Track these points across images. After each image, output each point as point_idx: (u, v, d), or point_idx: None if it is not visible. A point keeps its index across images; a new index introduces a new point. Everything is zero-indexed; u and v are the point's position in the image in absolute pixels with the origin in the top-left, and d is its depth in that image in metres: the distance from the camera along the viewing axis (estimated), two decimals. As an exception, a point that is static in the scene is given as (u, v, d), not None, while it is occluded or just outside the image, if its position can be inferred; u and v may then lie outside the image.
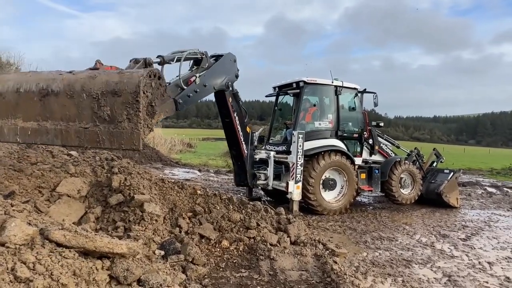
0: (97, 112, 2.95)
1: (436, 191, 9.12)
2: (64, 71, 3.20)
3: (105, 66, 3.63)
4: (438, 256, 5.18)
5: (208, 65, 5.76)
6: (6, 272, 1.88)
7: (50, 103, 3.08)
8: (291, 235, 4.97)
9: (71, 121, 3.06)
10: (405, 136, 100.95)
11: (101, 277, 2.58)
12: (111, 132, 2.96)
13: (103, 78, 2.94)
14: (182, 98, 5.07)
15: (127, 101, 2.82)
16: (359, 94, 8.94)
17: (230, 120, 6.86)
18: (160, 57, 4.71)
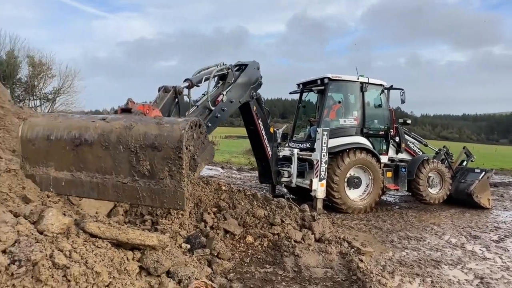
0: (136, 166, 2.69)
1: (466, 191, 8.79)
2: (97, 117, 2.89)
3: (138, 104, 3.39)
4: (469, 258, 5.00)
5: (234, 79, 5.71)
6: (45, 258, 1.97)
7: (84, 153, 2.83)
8: (315, 232, 4.94)
9: (107, 174, 2.81)
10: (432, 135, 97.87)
11: (132, 267, 2.65)
12: (151, 189, 2.71)
13: (141, 130, 2.65)
14: (211, 121, 5.05)
15: (169, 156, 2.57)
16: (385, 90, 8.75)
17: (254, 127, 6.84)
18: (188, 81, 4.65)
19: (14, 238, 1.98)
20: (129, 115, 3.05)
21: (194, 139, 2.69)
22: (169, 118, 2.84)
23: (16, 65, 17.61)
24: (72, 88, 19.33)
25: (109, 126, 2.73)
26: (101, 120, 2.80)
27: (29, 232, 2.13)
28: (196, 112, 4.82)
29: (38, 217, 2.41)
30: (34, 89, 18.42)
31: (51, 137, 2.89)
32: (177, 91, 3.99)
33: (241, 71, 6.03)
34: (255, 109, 6.58)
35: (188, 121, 2.63)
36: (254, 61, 6.37)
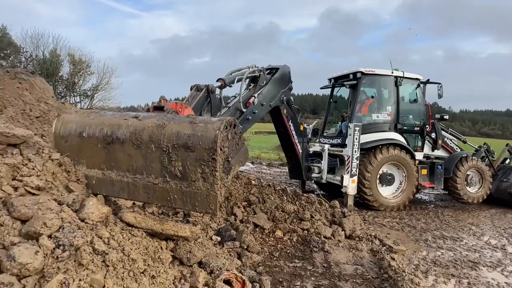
0: (167, 166, 2.59)
1: (508, 190, 8.33)
2: (129, 115, 2.83)
3: (170, 102, 3.34)
4: (510, 260, 4.75)
5: (265, 81, 5.70)
6: (86, 244, 2.10)
7: (115, 152, 2.76)
8: (346, 229, 4.88)
9: (138, 173, 2.73)
10: (472, 132, 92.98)
11: (165, 256, 2.76)
12: (183, 191, 2.60)
13: (174, 129, 2.54)
14: (242, 122, 5.05)
15: (202, 157, 2.45)
16: (421, 85, 8.42)
17: (285, 129, 6.81)
18: (221, 81, 4.66)
19: (59, 224, 2.12)
20: (162, 113, 2.97)
21: (229, 140, 2.56)
22: (203, 117, 2.68)
23: (58, 63, 18.58)
24: (109, 84, 20.16)
25: (141, 124, 2.66)
26: (133, 118, 2.74)
27: (72, 219, 2.26)
28: (228, 113, 4.87)
29: (79, 205, 2.56)
30: (74, 86, 19.37)
31: (83, 134, 2.85)
32: (209, 90, 4.00)
33: (272, 75, 6.03)
34: (285, 112, 6.54)
35: (223, 120, 2.49)
36: (285, 65, 6.35)
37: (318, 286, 3.51)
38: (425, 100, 8.58)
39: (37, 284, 1.84)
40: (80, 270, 1.97)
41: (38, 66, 17.32)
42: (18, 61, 17.55)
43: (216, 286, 2.71)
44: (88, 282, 1.96)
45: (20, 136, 2.81)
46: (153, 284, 2.46)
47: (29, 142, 2.91)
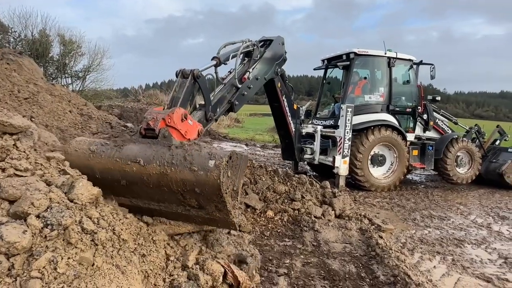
0: (184, 201, 2.80)
1: (497, 171, 8.48)
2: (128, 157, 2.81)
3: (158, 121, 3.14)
4: (494, 238, 4.89)
5: (259, 55, 5.62)
6: (75, 224, 2.12)
7: (133, 188, 2.87)
8: (336, 209, 4.97)
9: (161, 203, 2.93)
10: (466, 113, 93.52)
11: (159, 238, 2.80)
12: (204, 217, 2.89)
13: (178, 177, 2.65)
14: (238, 99, 5.00)
15: (211, 198, 2.65)
16: (414, 66, 8.41)
17: (279, 104, 6.77)
18: (215, 59, 4.56)
19: (47, 204, 2.14)
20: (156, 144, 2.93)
21: (229, 177, 2.68)
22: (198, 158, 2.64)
23: (48, 44, 18.15)
24: (101, 66, 19.76)
25: (146, 170, 2.75)
26: (135, 163, 2.78)
27: (60, 199, 2.28)
28: (224, 90, 4.83)
29: (69, 187, 2.57)
30: (65, 67, 19.01)
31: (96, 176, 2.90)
32: (195, 75, 3.91)
33: (266, 47, 5.94)
34: (279, 85, 6.50)
35: (219, 167, 2.53)
36: (279, 36, 6.25)
37: (307, 264, 3.60)
38: (418, 81, 8.59)
39: (26, 262, 1.87)
40: (69, 248, 2.00)
41: (27, 47, 16.91)
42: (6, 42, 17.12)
43: (206, 264, 2.77)
44: (77, 260, 1.99)
45: (17, 127, 2.81)
46: (143, 262, 2.51)
47: (27, 132, 2.91)
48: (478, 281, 3.54)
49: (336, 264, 3.61)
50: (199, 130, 3.59)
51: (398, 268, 3.36)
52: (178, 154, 2.73)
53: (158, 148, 2.85)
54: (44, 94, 6.36)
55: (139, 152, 2.84)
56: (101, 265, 2.11)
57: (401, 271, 3.28)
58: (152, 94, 26.19)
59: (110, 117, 7.47)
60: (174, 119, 3.19)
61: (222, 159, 2.57)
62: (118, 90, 26.29)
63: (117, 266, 2.22)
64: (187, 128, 3.35)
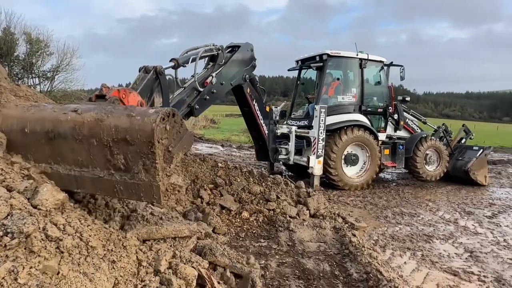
0: (111, 160, 2.60)
1: (463, 168, 8.85)
2: (69, 108, 2.72)
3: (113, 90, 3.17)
4: (461, 233, 5.10)
5: (224, 60, 5.50)
6: (38, 231, 2.02)
7: (59, 146, 2.71)
8: (310, 208, 5.02)
9: (84, 167, 2.71)
10: (435, 113, 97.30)
11: (130, 243, 2.71)
12: (128, 183, 2.63)
13: (112, 123, 2.51)
14: (199, 103, 4.91)
15: (142, 151, 2.46)
16: (385, 67, 8.64)
17: (249, 109, 6.72)
18: (173, 61, 4.46)
19: (7, 211, 2.03)
20: (102, 104, 2.86)
21: (168, 131, 2.54)
22: (140, 109, 2.58)
23: (13, 42, 17.35)
24: (71, 66, 19.07)
25: (81, 118, 2.60)
26: (72, 112, 2.65)
27: (22, 206, 2.17)
28: (183, 93, 4.71)
29: (33, 192, 2.45)
30: (32, 66, 18.24)
31: (25, 130, 2.76)
32: (158, 71, 3.81)
33: (233, 53, 5.84)
34: (248, 91, 6.43)
35: (159, 112, 2.45)
36: (247, 43, 6.19)
37: (282, 264, 3.61)
38: (389, 82, 8.84)
39: (-16, 273, 1.76)
40: (31, 257, 1.90)
41: (-11, 45, 16.09)
42: (-33, 40, 16.24)
43: (179, 268, 2.72)
44: (40, 269, 1.90)
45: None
46: (113, 269, 2.43)
47: None
48: (446, 275, 3.67)
49: (310, 263, 3.64)
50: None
51: (370, 265, 3.43)
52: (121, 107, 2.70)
53: (102, 104, 2.79)
54: (8, 95, 6.04)
55: (80, 106, 2.75)
56: (67, 274, 2.02)
57: (373, 268, 3.35)
58: (125, 95, 25.55)
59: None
60: (129, 98, 3.13)
61: (163, 109, 2.50)
62: (90, 91, 25.48)
63: (84, 274, 2.14)
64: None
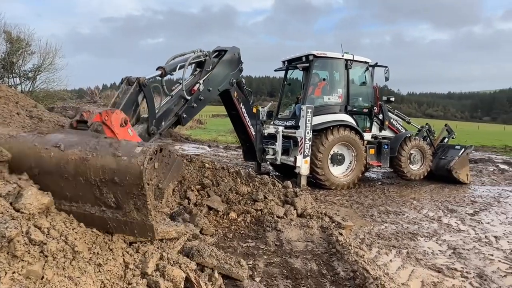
0: (100, 197, 2.50)
1: (446, 167, 9.04)
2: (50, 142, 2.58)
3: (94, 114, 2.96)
4: (444, 230, 5.21)
5: (211, 66, 5.44)
6: (21, 235, 1.98)
7: (45, 181, 2.57)
8: (297, 208, 5.05)
9: (74, 202, 2.60)
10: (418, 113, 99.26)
11: (116, 246, 2.67)
12: (120, 220, 2.57)
13: (98, 163, 2.40)
14: (187, 111, 4.83)
15: (131, 191, 2.40)
16: (370, 68, 8.76)
17: (236, 112, 6.66)
18: (160, 69, 4.37)
19: (-12, 215, 1.98)
20: (85, 135, 2.71)
21: (156, 169, 2.48)
22: (125, 146, 2.46)
23: (-7, 41, 16.90)
24: (54, 65, 18.67)
25: (65, 156, 2.48)
26: (55, 148, 2.52)
27: (4, 209, 2.12)
28: (171, 102, 4.62)
29: (16, 196, 2.39)
30: (13, 66, 17.78)
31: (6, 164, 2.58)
32: (141, 83, 3.69)
33: (220, 57, 5.78)
34: (235, 95, 6.37)
35: (146, 152, 2.36)
36: (234, 47, 6.13)
37: (270, 264, 3.62)
38: (374, 82, 8.96)
39: (-36, 279, 1.71)
40: (14, 262, 1.86)
41: (-32, 44, 15.64)
42: None
43: (167, 270, 2.69)
44: (24, 274, 1.86)
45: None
46: (99, 272, 2.39)
47: None
48: (430, 272, 3.75)
49: (298, 263, 3.66)
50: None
51: (357, 264, 3.47)
52: (105, 142, 2.54)
53: (84, 136, 2.64)
54: (-12, 96, 5.89)
55: (62, 138, 2.61)
56: (52, 278, 1.99)
57: (360, 266, 3.39)
58: (109, 95, 25.18)
59: (62, 119, 7.07)
60: (112, 118, 3.00)
61: (150, 147, 2.42)
62: (73, 91, 24.99)
63: (69, 278, 2.10)
64: (125, 137, 3.08)
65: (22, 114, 6.16)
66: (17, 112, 6.06)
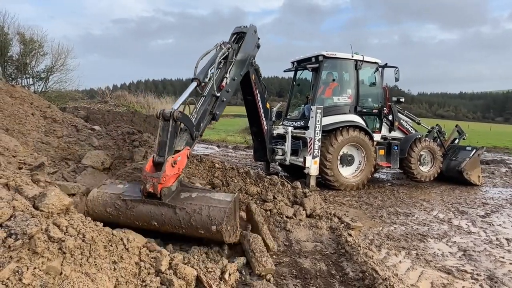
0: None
1: (457, 168, 8.96)
2: (145, 221, 3.51)
3: (156, 185, 3.45)
4: (454, 232, 5.18)
5: (234, 55, 5.54)
6: (41, 232, 2.05)
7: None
8: (306, 209, 5.07)
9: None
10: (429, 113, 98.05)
11: (132, 245, 2.74)
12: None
13: (190, 234, 3.45)
14: (219, 108, 4.97)
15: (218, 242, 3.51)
16: (380, 68, 8.73)
17: (252, 98, 6.76)
18: (196, 80, 4.61)
19: (10, 213, 2.06)
20: (164, 209, 3.47)
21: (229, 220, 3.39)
22: (201, 222, 3.33)
23: (7, 42, 17.25)
24: (65, 66, 19.00)
25: (163, 229, 3.45)
26: (152, 225, 3.46)
27: (25, 207, 2.20)
28: (205, 103, 4.76)
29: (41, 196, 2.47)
30: (26, 67, 18.13)
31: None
32: (175, 118, 3.76)
33: (241, 42, 5.85)
34: (253, 78, 6.49)
35: (221, 231, 3.25)
36: (251, 26, 6.16)
37: (279, 263, 3.66)
38: (383, 83, 8.92)
39: (-11, 274, 1.79)
40: (35, 258, 1.93)
41: (-17, 45, 15.98)
42: (-41, 40, 16.11)
43: (179, 268, 2.75)
44: (44, 269, 1.93)
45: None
46: (114, 269, 2.46)
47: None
48: (440, 273, 3.74)
49: (307, 263, 3.69)
50: (187, 154, 3.89)
51: (366, 264, 3.48)
52: (184, 219, 3.34)
53: (164, 211, 3.42)
54: (4, 96, 6.06)
55: (149, 214, 3.43)
56: (70, 274, 2.06)
57: (369, 267, 3.41)
58: (120, 95, 25.48)
59: (75, 119, 7.22)
60: (167, 175, 3.45)
61: (222, 224, 3.23)
62: (84, 91, 25.38)
63: (86, 274, 2.17)
64: (178, 166, 3.66)
65: (37, 114, 6.32)
66: (32, 113, 6.21)
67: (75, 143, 5.62)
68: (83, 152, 5.32)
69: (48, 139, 5.49)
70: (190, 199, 3.47)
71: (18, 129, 5.24)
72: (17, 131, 5.17)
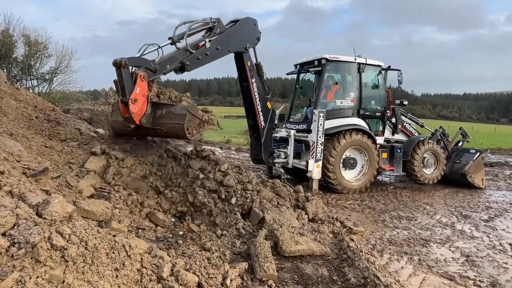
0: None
1: (460, 171, 8.92)
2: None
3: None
4: (457, 236, 5.16)
5: (220, 30, 5.70)
6: (44, 241, 2.07)
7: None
8: (309, 213, 5.06)
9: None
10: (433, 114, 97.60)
11: (134, 252, 2.75)
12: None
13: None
14: (191, 60, 5.16)
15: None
16: (383, 71, 8.71)
17: (247, 85, 6.78)
18: (170, 39, 4.97)
19: (13, 221, 2.07)
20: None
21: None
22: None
23: (12, 44, 17.38)
24: (70, 67, 19.11)
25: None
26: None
27: (28, 215, 2.22)
28: (176, 52, 5.05)
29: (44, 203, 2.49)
30: (31, 69, 18.26)
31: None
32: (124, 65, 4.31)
33: (233, 24, 6.06)
34: (249, 64, 6.55)
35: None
36: (248, 17, 6.37)
37: (281, 269, 3.65)
38: (386, 86, 8.90)
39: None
40: (38, 267, 1.95)
41: (-12, 48, 16.10)
42: (-35, 42, 16.24)
43: (180, 275, 2.77)
44: (47, 278, 1.95)
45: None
46: (116, 277, 2.48)
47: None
48: (442, 280, 3.73)
49: (309, 268, 3.68)
50: (142, 77, 4.44)
51: (368, 270, 3.48)
52: (162, 131, 4.66)
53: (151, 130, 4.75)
54: (8, 100, 6.10)
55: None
56: (72, 282, 2.07)
57: (371, 273, 3.40)
58: (123, 97, 25.46)
59: (79, 122, 7.25)
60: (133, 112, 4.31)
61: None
62: (88, 92, 25.47)
63: (88, 282, 2.19)
64: (142, 94, 4.45)
65: (41, 117, 6.36)
66: (36, 116, 6.25)
67: (78, 146, 5.65)
68: (86, 156, 5.35)
69: (52, 143, 5.52)
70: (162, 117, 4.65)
71: (22, 133, 5.27)
72: (21, 135, 5.20)
